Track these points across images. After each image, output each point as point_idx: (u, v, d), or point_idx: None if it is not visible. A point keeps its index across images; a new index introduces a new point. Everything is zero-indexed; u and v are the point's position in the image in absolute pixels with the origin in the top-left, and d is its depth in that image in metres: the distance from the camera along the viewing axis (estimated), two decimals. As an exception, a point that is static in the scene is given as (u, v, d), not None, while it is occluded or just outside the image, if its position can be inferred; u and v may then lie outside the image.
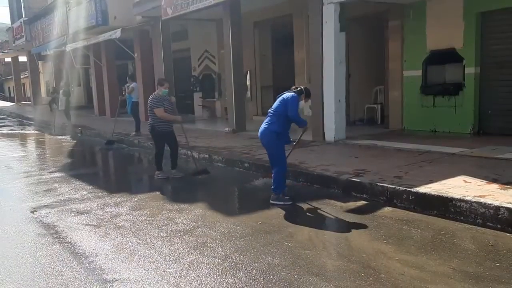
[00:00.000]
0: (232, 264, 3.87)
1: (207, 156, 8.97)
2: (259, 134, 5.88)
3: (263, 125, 5.78)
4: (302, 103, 5.86)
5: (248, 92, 14.57)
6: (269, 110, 5.86)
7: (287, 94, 5.69)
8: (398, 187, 5.46)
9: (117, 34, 15.02)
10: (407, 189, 5.35)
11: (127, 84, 13.06)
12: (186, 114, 17.04)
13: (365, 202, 5.67)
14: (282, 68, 14.18)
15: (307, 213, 5.37)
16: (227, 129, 12.08)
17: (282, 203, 5.66)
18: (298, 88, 5.83)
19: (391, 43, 10.64)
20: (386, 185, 5.60)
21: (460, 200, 4.81)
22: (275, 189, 5.75)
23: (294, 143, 6.39)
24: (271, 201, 5.70)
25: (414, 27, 10.00)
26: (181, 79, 16.86)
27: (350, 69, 10.90)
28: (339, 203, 5.62)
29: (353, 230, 4.68)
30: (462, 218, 4.74)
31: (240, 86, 12.14)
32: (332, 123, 9.31)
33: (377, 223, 4.82)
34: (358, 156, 7.71)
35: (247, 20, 13.35)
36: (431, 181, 5.59)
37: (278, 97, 5.80)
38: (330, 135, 9.37)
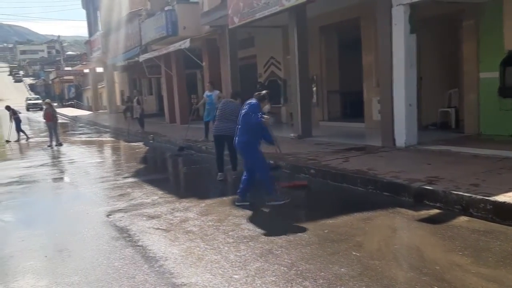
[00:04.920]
0: (298, 272, 3.81)
1: (272, 162, 8.96)
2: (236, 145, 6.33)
3: (236, 137, 6.27)
4: (267, 107, 6.25)
5: (314, 97, 14.45)
6: (239, 123, 6.25)
7: (247, 102, 6.11)
8: (475, 196, 5.14)
9: (186, 44, 15.49)
10: (485, 197, 5.02)
11: (207, 93, 13.22)
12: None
13: (438, 211, 5.39)
14: (349, 72, 13.93)
15: (376, 222, 5.19)
16: (292, 135, 12.03)
17: (280, 202, 6.04)
18: (262, 94, 6.25)
19: (465, 44, 10.11)
20: (462, 193, 5.29)
21: (546, 211, 4.45)
22: (267, 192, 6.16)
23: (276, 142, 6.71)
24: (266, 203, 6.08)
25: (490, 27, 9.43)
26: (247, 85, 17.03)
27: (421, 72, 10.46)
28: (410, 212, 5.39)
29: (425, 241, 4.46)
30: (548, 230, 4.38)
31: (306, 91, 12.06)
32: (403, 128, 8.98)
33: (452, 233, 4.56)
34: (430, 163, 7.37)
35: (313, 25, 13.27)
36: (511, 190, 5.22)
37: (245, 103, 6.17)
38: (400, 140, 9.04)
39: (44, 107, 17.07)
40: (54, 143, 15.84)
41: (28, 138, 19.26)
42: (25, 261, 4.60)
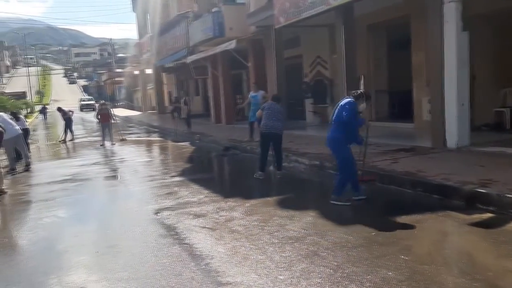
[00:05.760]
0: (344, 275, 3.76)
1: (318, 163, 8.90)
2: (326, 141, 6.31)
3: (328, 133, 6.22)
4: (363, 106, 6.09)
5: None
6: (332, 118, 6.22)
7: (344, 100, 6.03)
8: (532, 200, 4.90)
9: (232, 44, 15.63)
10: (543, 202, 4.78)
11: (252, 93, 13.31)
12: (297, 120, 17.14)
13: (491, 215, 5.16)
14: (398, 71, 13.60)
15: (426, 226, 5.04)
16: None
17: (341, 203, 5.98)
18: (358, 92, 6.13)
19: (522, 40, 9.64)
20: (517, 197, 5.05)
21: None
22: (335, 191, 6.08)
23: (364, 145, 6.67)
24: (330, 201, 6.05)
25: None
26: (292, 85, 16.98)
27: (474, 70, 10.07)
28: (461, 216, 5.20)
29: (477, 245, 4.30)
30: None
31: (353, 91, 11.86)
32: (455, 128, 8.68)
33: (505, 238, 4.37)
34: (483, 165, 7.08)
35: (361, 24, 13.06)
36: None
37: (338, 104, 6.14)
38: (452, 141, 8.74)
39: (100, 107, 17.55)
40: (107, 142, 16.34)
41: (73, 138, 19.68)
42: (78, 256, 4.79)
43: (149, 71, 35.96)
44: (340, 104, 6.06)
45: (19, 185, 9.66)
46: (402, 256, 4.09)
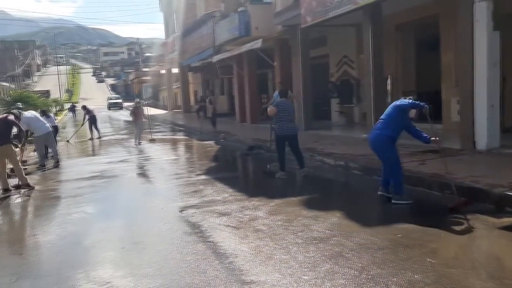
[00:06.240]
0: (369, 277, 3.73)
1: (343, 163, 8.83)
2: (369, 140, 6.22)
3: (375, 130, 6.12)
4: (413, 111, 6.11)
5: (389, 97, 13.99)
6: (381, 117, 6.18)
7: (402, 101, 6.02)
8: None
9: (258, 44, 15.65)
10: None
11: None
12: (323, 120, 17.05)
13: (523, 220, 5.04)
14: (427, 72, 13.37)
15: (453, 229, 4.94)
16: (365, 135, 11.74)
17: (404, 202, 5.86)
18: (411, 98, 6.10)
19: (557, 39, 9.35)
20: (550, 201, 4.91)
21: None
22: (396, 191, 5.96)
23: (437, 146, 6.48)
24: (392, 201, 5.93)
25: None
26: (318, 85, 16.90)
27: (505, 71, 9.82)
28: (491, 219, 5.08)
29: (507, 249, 4.19)
30: None
31: (380, 91, 11.74)
32: (484, 130, 8.49)
33: (538, 244, 4.25)
34: (514, 168, 6.90)
35: (389, 23, 12.89)
36: None
37: (391, 104, 6.16)
38: (481, 143, 8.55)
39: (135, 105, 17.78)
40: (139, 140, 16.56)
41: (95, 137, 19.69)
42: (105, 252, 4.89)
43: (175, 70, 36.34)
44: (395, 103, 6.09)
45: (49, 181, 9.90)
46: (429, 259, 4.03)
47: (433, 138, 6.11)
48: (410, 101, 5.98)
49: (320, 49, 17.38)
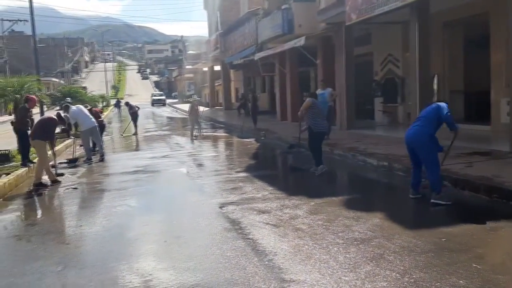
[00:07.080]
0: (412, 280, 3.63)
1: (386, 164, 8.65)
2: (407, 136, 6.14)
3: (413, 127, 6.11)
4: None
5: (435, 97, 13.59)
6: (418, 116, 6.29)
7: (440, 103, 6.23)
8: None
9: (301, 41, 15.54)
10: None
11: (319, 90, 13.18)
12: (366, 119, 16.77)
13: None
14: (475, 71, 12.89)
15: (501, 234, 4.75)
16: (409, 136, 11.46)
17: (443, 202, 5.78)
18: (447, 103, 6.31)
19: None
20: None
21: None
22: (435, 189, 5.89)
23: (447, 149, 6.44)
24: (431, 200, 5.87)
25: None
26: (362, 84, 16.62)
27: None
28: (543, 226, 4.85)
29: (561, 259, 3.98)
30: None
31: (426, 90, 11.40)
32: (537, 132, 8.11)
33: None
34: None
35: (436, 21, 12.52)
36: None
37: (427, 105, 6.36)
38: (532, 146, 8.17)
39: (192, 102, 18.47)
40: (196, 134, 17.41)
41: (136, 133, 19.88)
42: (147, 244, 4.99)
43: (217, 67, 36.65)
44: (434, 104, 6.27)
45: (95, 174, 10.21)
46: (474, 265, 3.89)
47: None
48: (449, 113, 6.11)
49: (364, 47, 17.09)
